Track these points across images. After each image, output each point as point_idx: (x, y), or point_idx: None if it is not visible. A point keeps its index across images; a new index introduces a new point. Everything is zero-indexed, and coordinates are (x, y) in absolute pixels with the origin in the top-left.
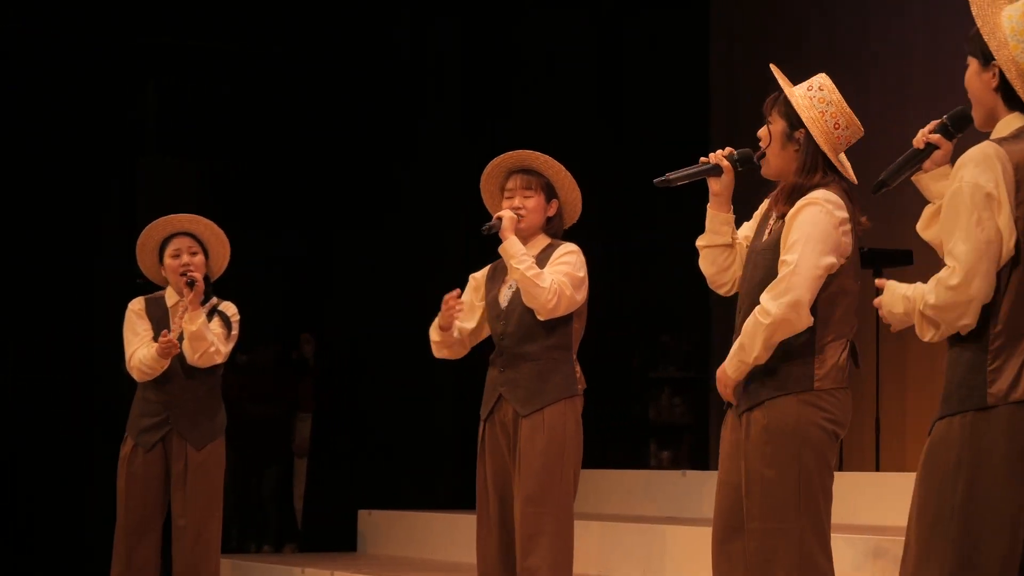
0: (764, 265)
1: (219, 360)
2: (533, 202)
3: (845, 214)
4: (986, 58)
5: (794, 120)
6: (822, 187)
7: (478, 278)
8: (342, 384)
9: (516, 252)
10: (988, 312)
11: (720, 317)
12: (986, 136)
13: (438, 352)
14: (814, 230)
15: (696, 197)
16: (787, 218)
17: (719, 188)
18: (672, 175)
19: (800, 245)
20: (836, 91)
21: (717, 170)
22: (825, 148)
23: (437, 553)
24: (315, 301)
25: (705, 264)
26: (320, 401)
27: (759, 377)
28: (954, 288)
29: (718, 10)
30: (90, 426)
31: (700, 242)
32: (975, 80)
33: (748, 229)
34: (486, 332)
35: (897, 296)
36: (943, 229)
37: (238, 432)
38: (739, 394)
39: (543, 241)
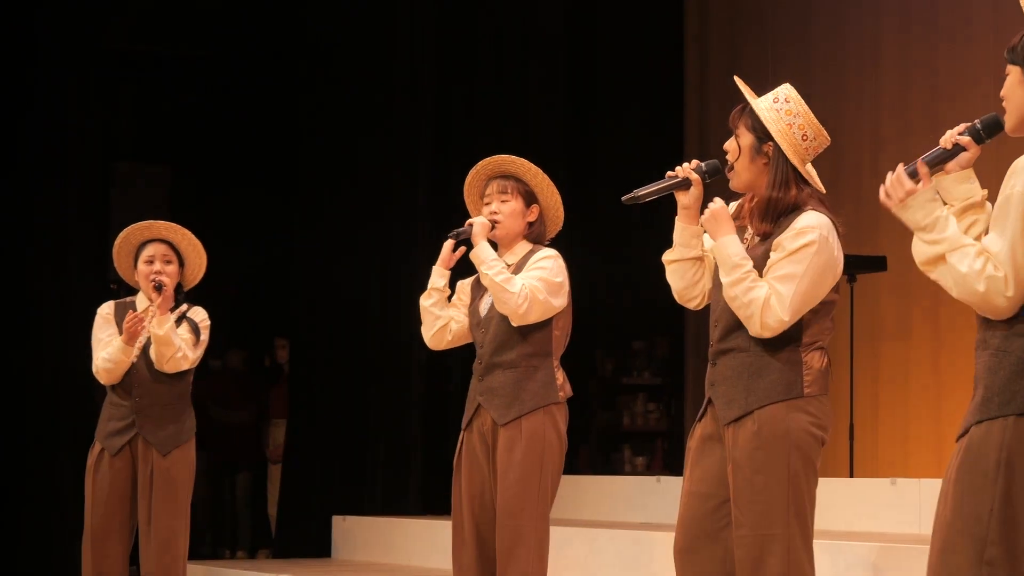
0: None
1: (186, 366)
2: (510, 207)
3: (835, 237)
4: None
5: (762, 133)
6: (802, 203)
7: (466, 284)
8: (316, 390)
9: (486, 258)
10: None
11: (694, 324)
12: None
13: (427, 332)
14: (819, 265)
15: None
16: (783, 242)
17: (688, 201)
18: (640, 191)
19: (805, 280)
20: (802, 102)
21: (686, 184)
22: (794, 161)
23: (411, 559)
24: (289, 307)
25: (674, 278)
26: (294, 407)
27: (745, 386)
28: (1008, 299)
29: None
30: (61, 431)
31: (669, 256)
32: (1016, 88)
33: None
34: (469, 337)
35: (931, 211)
36: (1001, 227)
37: (212, 438)
38: (722, 405)
39: (524, 247)
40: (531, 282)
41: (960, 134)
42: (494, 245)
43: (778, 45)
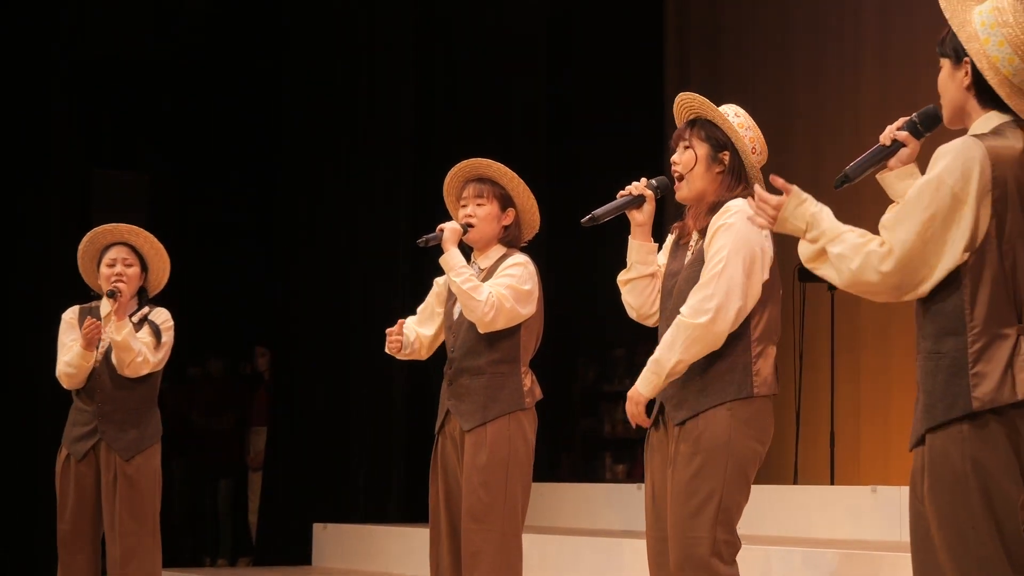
0: (692, 281)
1: (147, 370)
2: (484, 211)
3: None
4: (958, 55)
5: (719, 142)
6: (740, 197)
7: (441, 284)
8: (296, 397)
9: (455, 264)
10: (962, 313)
11: None
12: (959, 134)
13: (400, 357)
14: (738, 238)
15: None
16: (710, 228)
17: (643, 218)
18: (597, 212)
19: (726, 253)
20: (750, 118)
21: (640, 200)
22: (747, 165)
23: (391, 566)
24: (269, 315)
25: (632, 296)
26: (274, 414)
27: (692, 392)
28: (883, 273)
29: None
30: (38, 435)
31: (626, 276)
32: (948, 81)
33: (660, 258)
34: (443, 338)
35: (803, 213)
36: (901, 206)
37: (192, 445)
38: (673, 406)
39: (498, 251)
40: (499, 290)
41: (898, 129)
42: (467, 250)
43: (758, 51)
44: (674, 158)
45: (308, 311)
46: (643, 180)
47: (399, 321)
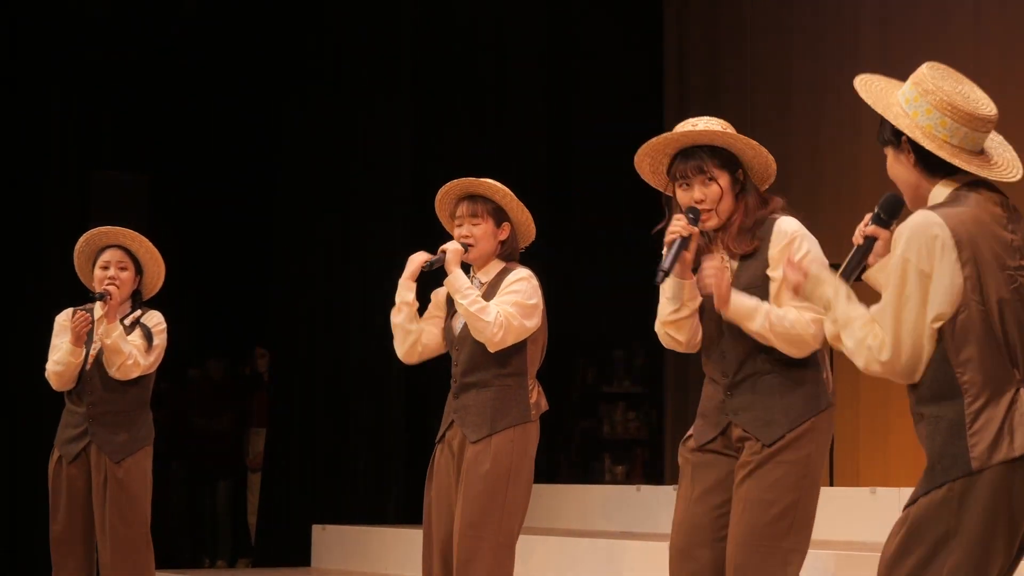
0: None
1: (138, 373)
2: (481, 229)
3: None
4: (896, 136)
5: (731, 164)
6: (775, 212)
7: (440, 295)
8: (296, 399)
9: (460, 287)
10: (955, 376)
11: None
12: None
13: (401, 348)
14: (811, 254)
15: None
16: (772, 247)
17: (690, 256)
18: (664, 265)
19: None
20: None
21: (689, 239)
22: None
23: (390, 568)
24: (269, 316)
25: (682, 334)
26: (274, 416)
27: (779, 410)
28: (883, 363)
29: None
30: (32, 437)
31: (675, 316)
32: (895, 166)
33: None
34: (443, 348)
35: (822, 296)
36: (884, 295)
37: (191, 447)
38: (759, 428)
39: (497, 266)
40: (505, 308)
41: (865, 226)
42: (467, 268)
43: (757, 58)
44: (697, 196)
45: (308, 312)
46: (681, 217)
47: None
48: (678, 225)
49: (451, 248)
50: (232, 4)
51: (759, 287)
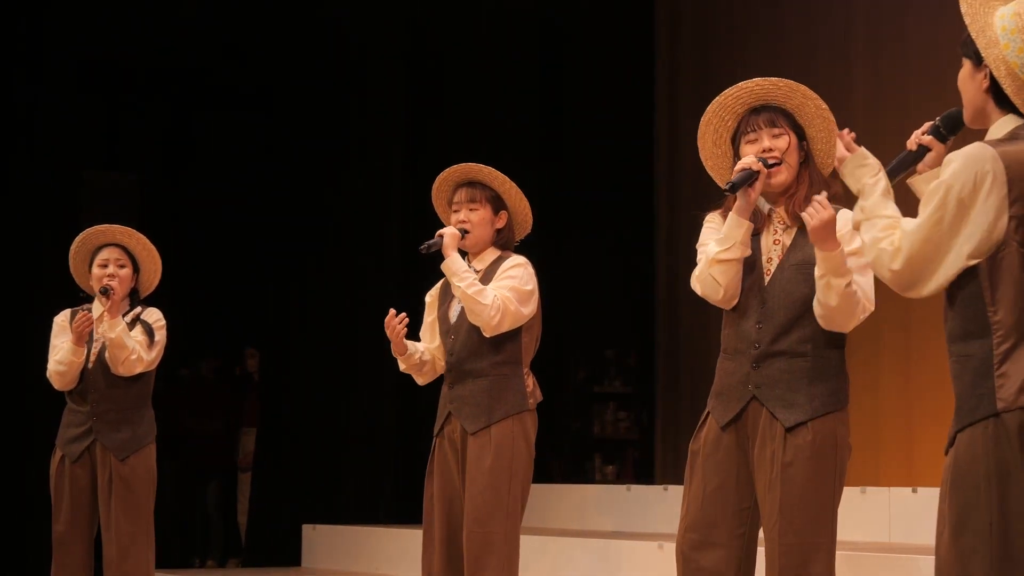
0: (803, 280)
1: (141, 368)
2: (478, 215)
3: None
4: (978, 58)
5: (800, 131)
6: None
7: (433, 294)
8: (286, 399)
9: (458, 270)
10: (987, 315)
11: (664, 332)
12: (979, 135)
13: (420, 380)
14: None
15: (642, 207)
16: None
17: (755, 195)
18: (734, 178)
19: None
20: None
21: (756, 177)
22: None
23: (381, 568)
24: (259, 316)
25: (727, 276)
26: (264, 415)
27: (803, 394)
28: (892, 272)
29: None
30: (30, 437)
31: (727, 255)
32: (968, 82)
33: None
34: None
35: (859, 177)
36: (920, 208)
37: (182, 446)
38: (780, 408)
39: (493, 254)
40: (502, 292)
41: (923, 134)
42: (463, 254)
43: (751, 58)
44: (767, 143)
45: (298, 312)
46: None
47: (390, 311)
48: (750, 159)
49: (448, 232)
50: (226, 4)
51: (811, 267)
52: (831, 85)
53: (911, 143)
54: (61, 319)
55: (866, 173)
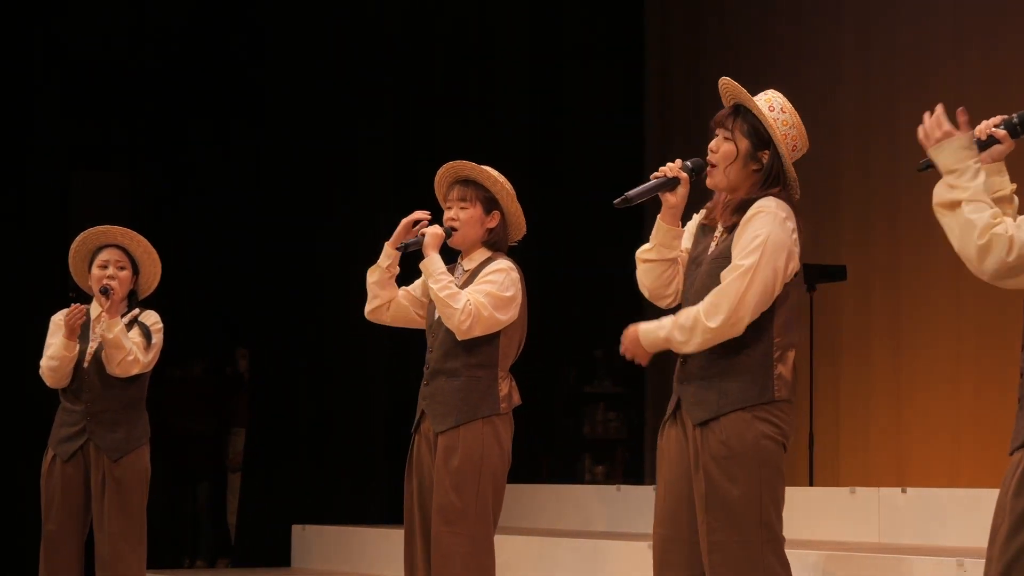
0: (715, 275)
1: (137, 370)
2: (468, 214)
3: (794, 223)
4: None
5: (761, 139)
6: (772, 197)
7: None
8: (276, 399)
9: (434, 271)
10: None
11: None
12: None
13: (370, 304)
14: (768, 239)
15: (635, 211)
16: (741, 224)
17: (675, 200)
18: (631, 193)
19: (754, 259)
20: (795, 112)
21: (674, 183)
22: (786, 168)
23: (371, 568)
24: (249, 316)
25: (648, 277)
26: (254, 416)
27: (716, 389)
28: (1003, 262)
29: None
30: (20, 436)
31: (647, 255)
32: None
33: (685, 241)
34: (414, 321)
35: (962, 157)
36: None
37: (172, 446)
38: (691, 405)
39: (483, 254)
40: (477, 297)
41: (996, 126)
42: (449, 256)
43: (744, 64)
44: (712, 145)
45: (288, 313)
46: (678, 161)
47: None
48: (671, 165)
49: (431, 232)
50: (216, 2)
51: (723, 259)
52: (823, 95)
53: (981, 132)
54: (58, 318)
55: (969, 154)
